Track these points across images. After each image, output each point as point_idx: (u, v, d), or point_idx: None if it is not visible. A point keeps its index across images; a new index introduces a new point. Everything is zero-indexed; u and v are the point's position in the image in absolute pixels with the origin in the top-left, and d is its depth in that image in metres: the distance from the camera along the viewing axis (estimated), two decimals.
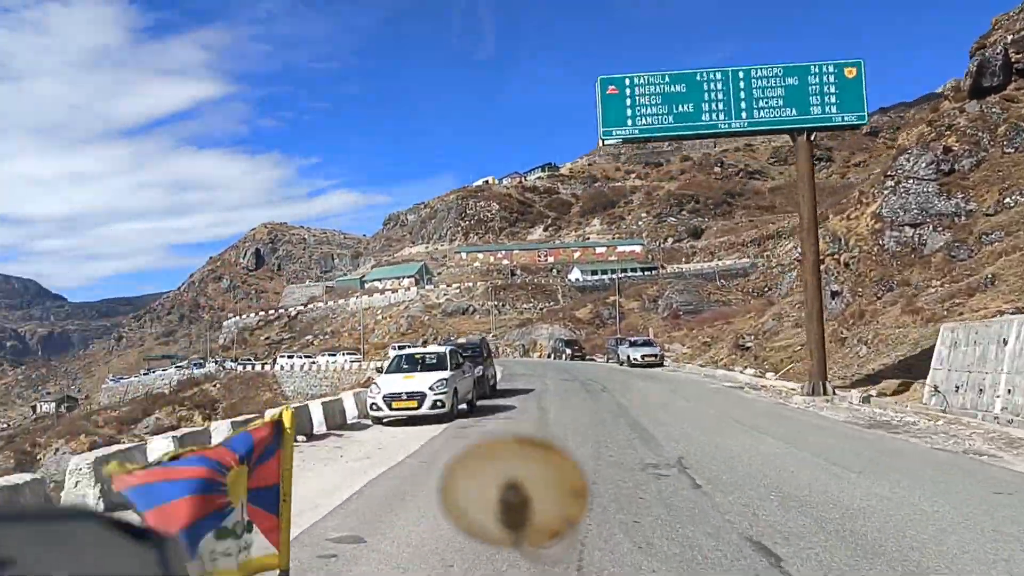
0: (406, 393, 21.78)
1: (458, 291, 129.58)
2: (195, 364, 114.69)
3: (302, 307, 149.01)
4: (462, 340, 54.18)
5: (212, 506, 3.17)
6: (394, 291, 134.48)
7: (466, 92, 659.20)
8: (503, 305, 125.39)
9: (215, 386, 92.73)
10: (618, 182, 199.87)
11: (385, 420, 21.79)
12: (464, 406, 24.25)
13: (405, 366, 25.20)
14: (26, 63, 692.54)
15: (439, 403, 21.83)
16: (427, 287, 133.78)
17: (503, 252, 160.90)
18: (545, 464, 1.50)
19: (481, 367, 29.45)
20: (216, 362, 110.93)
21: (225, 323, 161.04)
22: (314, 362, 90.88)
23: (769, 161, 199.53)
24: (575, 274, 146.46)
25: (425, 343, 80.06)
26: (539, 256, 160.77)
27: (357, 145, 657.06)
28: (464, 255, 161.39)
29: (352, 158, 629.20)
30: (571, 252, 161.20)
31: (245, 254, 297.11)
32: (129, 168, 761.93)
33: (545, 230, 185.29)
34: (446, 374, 22.95)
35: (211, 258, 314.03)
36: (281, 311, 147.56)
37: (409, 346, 65.98)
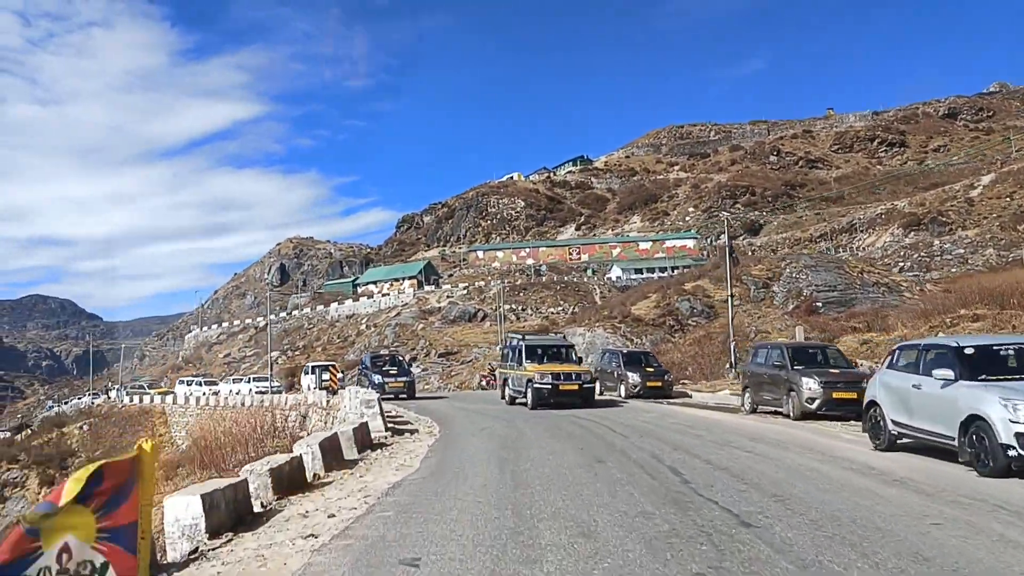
0: None
1: (465, 292, 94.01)
2: (94, 394, 79.91)
3: (272, 317, 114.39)
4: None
5: (16, 551, 2.87)
6: (384, 295, 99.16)
7: (497, 97, 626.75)
8: (523, 309, 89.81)
9: (83, 427, 57.78)
10: (660, 175, 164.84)
11: None
12: None
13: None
14: (69, 87, 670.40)
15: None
16: (429, 289, 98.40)
17: (527, 249, 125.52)
18: None
19: None
20: (101, 393, 76.63)
21: (187, 337, 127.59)
22: (215, 391, 55.58)
23: (832, 148, 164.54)
24: (615, 272, 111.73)
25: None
26: (571, 253, 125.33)
27: (392, 163, 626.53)
28: (480, 254, 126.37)
29: (387, 176, 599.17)
30: (609, 249, 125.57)
31: (270, 269, 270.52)
32: (168, 189, 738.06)
33: (577, 229, 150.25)
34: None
35: (235, 274, 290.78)
36: (248, 323, 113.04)
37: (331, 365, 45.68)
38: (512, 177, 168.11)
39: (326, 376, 63.61)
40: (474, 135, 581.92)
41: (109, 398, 69.85)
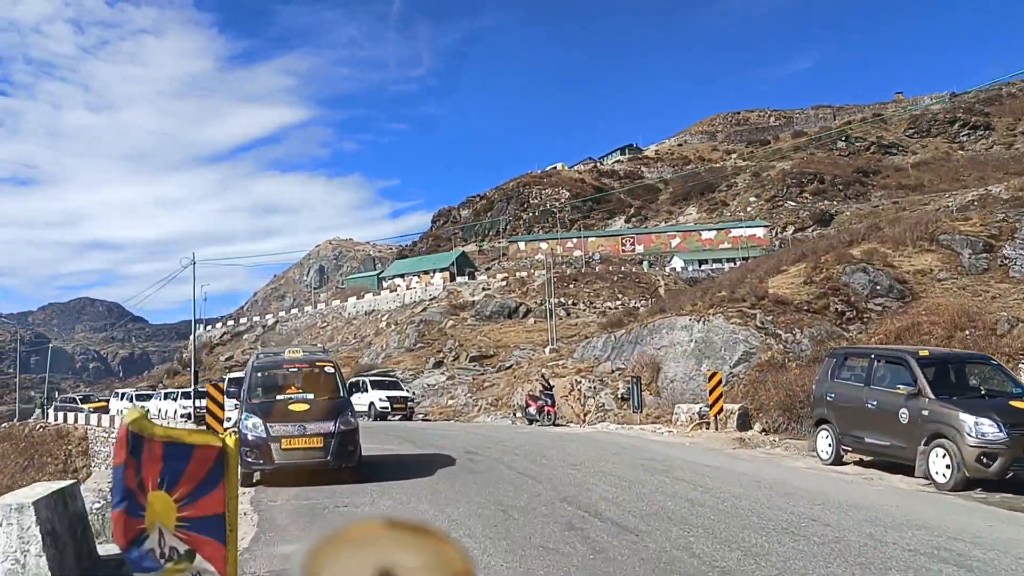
0: None
1: (504, 284, 76.06)
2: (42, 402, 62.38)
3: (283, 314, 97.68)
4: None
5: (133, 530, 2.83)
6: (410, 288, 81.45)
7: (541, 92, 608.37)
8: (574, 303, 71.80)
9: None
10: (716, 163, 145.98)
11: None
12: None
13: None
14: (121, 93, 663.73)
15: None
16: (462, 280, 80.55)
17: (575, 240, 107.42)
18: None
19: None
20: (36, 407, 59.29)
21: (190, 337, 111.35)
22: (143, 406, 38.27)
23: (907, 133, 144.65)
24: (676, 263, 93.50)
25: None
26: (624, 244, 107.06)
27: (435, 165, 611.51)
28: (522, 245, 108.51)
29: (430, 179, 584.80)
30: (667, 239, 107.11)
31: (308, 271, 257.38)
32: (215, 193, 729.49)
33: (627, 221, 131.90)
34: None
35: (275, 276, 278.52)
36: (256, 321, 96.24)
37: None
38: (556, 167, 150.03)
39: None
40: (517, 130, 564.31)
41: (43, 415, 53.03)
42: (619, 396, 29.59)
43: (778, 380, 22.64)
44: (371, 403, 35.08)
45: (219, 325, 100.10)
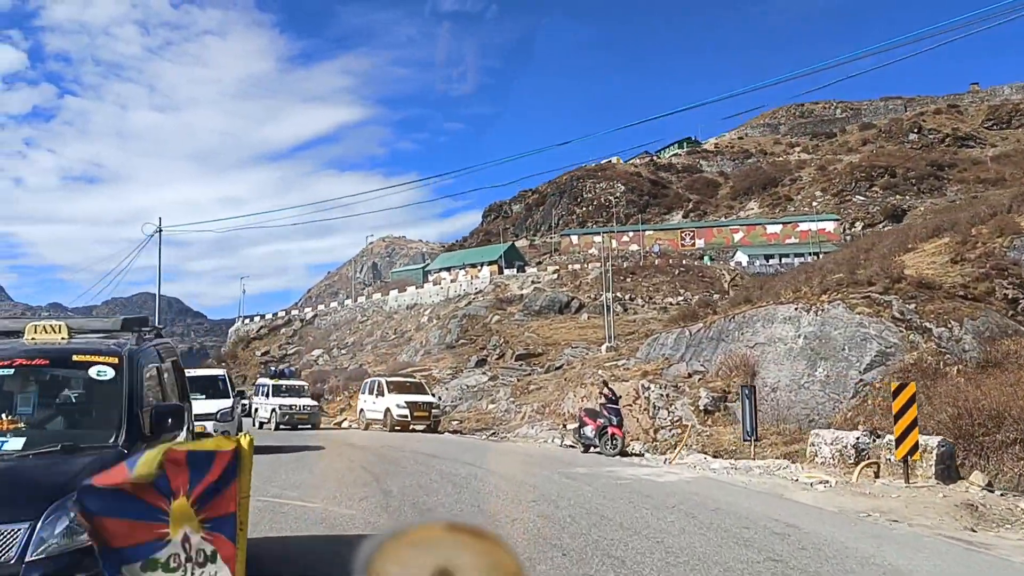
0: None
1: (555, 277, 69.06)
2: None
3: (322, 308, 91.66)
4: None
5: (150, 535, 2.99)
6: (454, 281, 74.73)
7: (597, 86, 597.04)
8: (631, 298, 64.54)
9: None
10: (779, 156, 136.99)
11: None
12: None
13: None
14: (185, 94, 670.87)
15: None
16: (510, 273, 73.67)
17: (631, 234, 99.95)
18: None
19: None
20: None
21: (229, 331, 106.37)
22: None
23: (985, 124, 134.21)
24: (740, 258, 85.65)
25: None
26: (683, 238, 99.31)
27: (489, 164, 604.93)
28: (575, 239, 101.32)
29: (484, 178, 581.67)
30: (729, 233, 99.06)
31: (362, 268, 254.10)
32: (275, 192, 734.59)
33: (686, 216, 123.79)
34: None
35: (328, 273, 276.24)
36: (294, 315, 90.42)
37: None
38: (611, 161, 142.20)
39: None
40: (571, 124, 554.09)
41: None
42: (701, 408, 22.38)
43: (937, 390, 15.38)
44: (387, 409, 28.42)
45: (256, 319, 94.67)
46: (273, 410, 30.84)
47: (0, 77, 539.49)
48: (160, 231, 28.18)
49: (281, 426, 30.20)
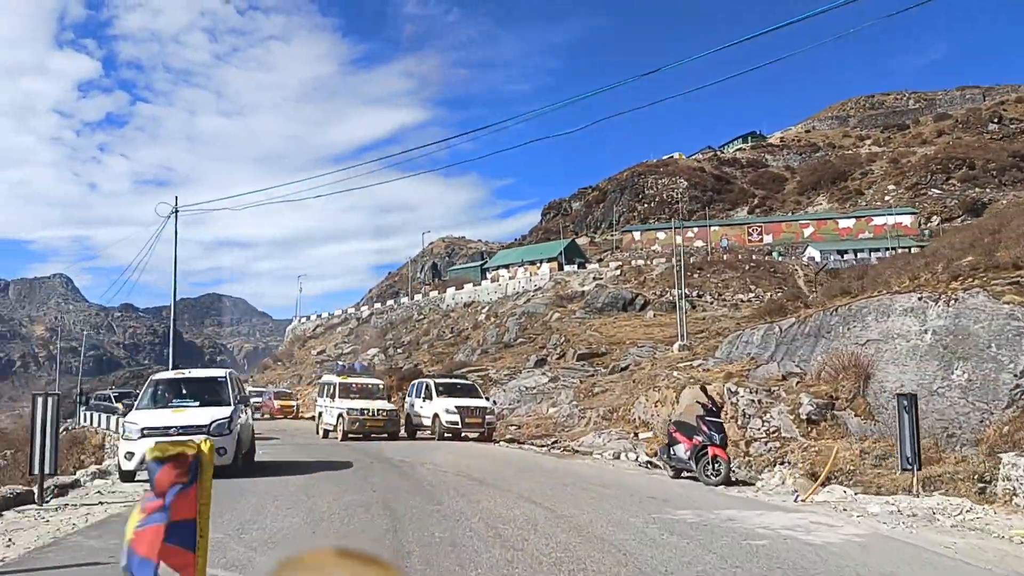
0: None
1: (618, 273, 65.30)
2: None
3: (379, 306, 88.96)
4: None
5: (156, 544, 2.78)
6: (512, 278, 71.34)
7: (662, 87, 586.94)
8: (699, 295, 60.55)
9: None
10: (848, 150, 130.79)
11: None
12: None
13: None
14: (251, 99, 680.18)
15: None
16: (571, 269, 70.05)
17: (695, 230, 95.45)
18: None
19: None
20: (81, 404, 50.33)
21: (287, 329, 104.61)
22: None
23: None
24: (811, 253, 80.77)
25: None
26: (749, 233, 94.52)
27: (549, 164, 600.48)
28: (637, 235, 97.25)
29: (544, 178, 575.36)
30: (799, 228, 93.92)
31: (422, 268, 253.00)
32: (338, 193, 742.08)
33: (751, 212, 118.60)
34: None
35: (389, 273, 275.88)
36: (350, 313, 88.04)
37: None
38: (673, 156, 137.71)
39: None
40: (632, 120, 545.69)
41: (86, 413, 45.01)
42: (803, 417, 18.58)
43: None
44: (435, 415, 25.11)
45: (313, 318, 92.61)
46: (340, 415, 25.72)
47: (76, 86, 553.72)
48: (176, 212, 25.45)
49: (351, 436, 25.25)
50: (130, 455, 13.05)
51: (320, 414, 29.10)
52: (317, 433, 28.58)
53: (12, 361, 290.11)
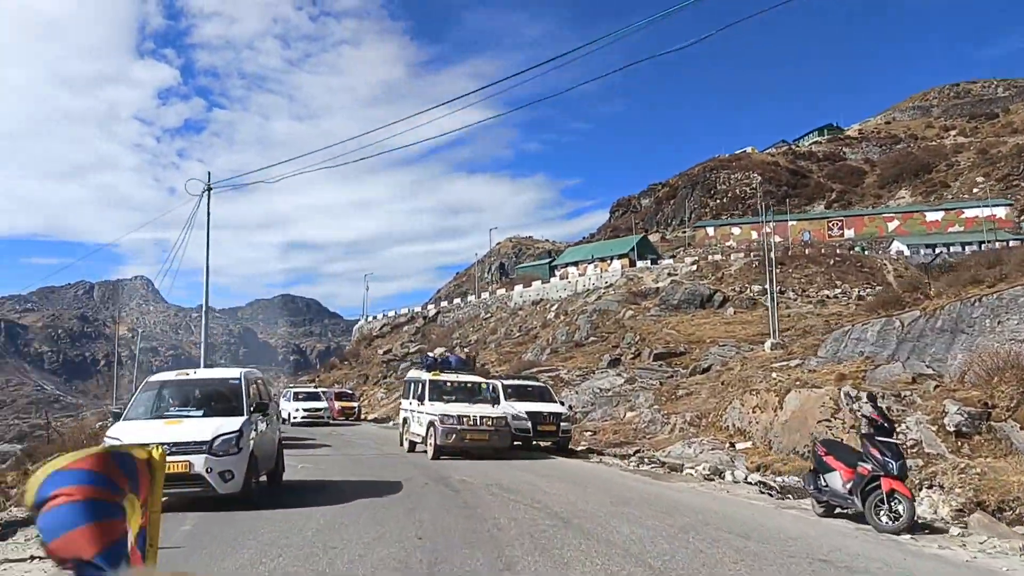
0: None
1: (695, 269, 61.56)
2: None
3: (445, 304, 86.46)
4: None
5: (117, 531, 2.33)
6: (582, 275, 68.12)
7: (727, 77, 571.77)
8: (782, 291, 56.40)
9: None
10: (932, 141, 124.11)
11: None
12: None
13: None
14: (322, 103, 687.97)
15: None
16: (643, 265, 66.52)
17: (772, 225, 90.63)
18: None
19: None
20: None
21: (354, 329, 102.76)
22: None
23: None
24: (897, 247, 75.73)
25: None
26: (830, 228, 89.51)
27: (616, 164, 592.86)
28: (711, 230, 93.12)
29: (611, 178, 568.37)
30: (883, 222, 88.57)
31: (489, 268, 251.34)
32: (406, 195, 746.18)
33: (828, 206, 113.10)
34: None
35: (456, 274, 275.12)
36: (416, 312, 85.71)
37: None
38: (746, 151, 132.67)
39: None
40: (702, 116, 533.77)
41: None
42: (950, 428, 15.05)
43: None
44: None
45: (380, 317, 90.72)
46: (431, 424, 19.52)
47: (156, 93, 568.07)
48: (209, 190, 22.96)
49: (444, 453, 19.18)
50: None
51: (405, 421, 23.04)
52: (401, 445, 22.98)
53: (96, 360, 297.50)
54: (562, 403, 26.56)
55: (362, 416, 45.35)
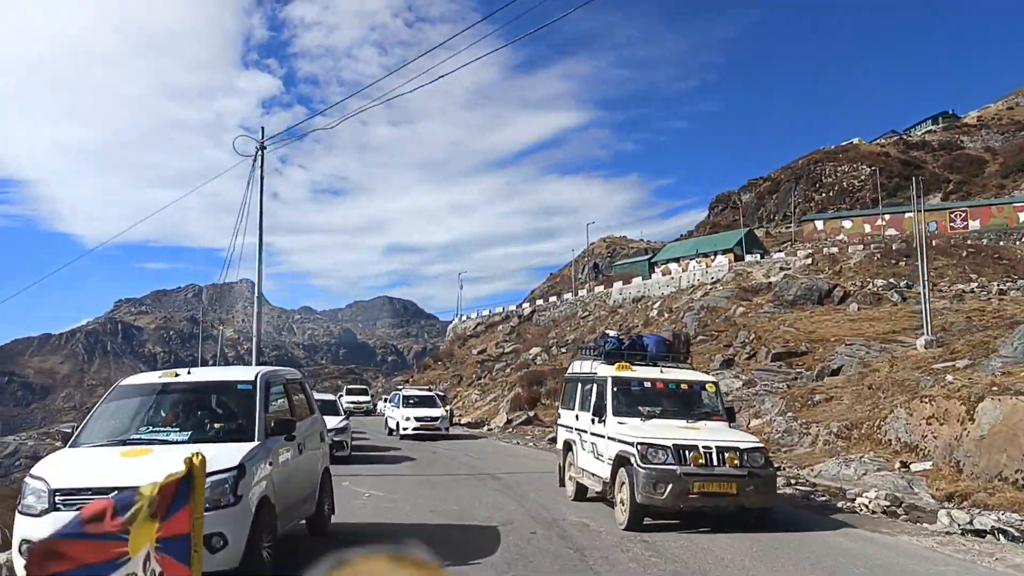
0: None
1: (809, 263, 56.48)
2: None
3: (541, 303, 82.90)
4: None
5: (105, 554, 2.65)
6: (684, 270, 63.69)
7: (836, 74, 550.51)
8: (908, 285, 51.26)
9: None
10: None
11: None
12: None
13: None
14: (418, 107, 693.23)
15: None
16: (752, 260, 61.68)
17: (886, 217, 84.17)
18: None
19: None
20: None
21: (448, 328, 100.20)
22: None
23: None
24: None
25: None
26: (952, 218, 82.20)
27: (714, 161, 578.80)
28: (819, 224, 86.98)
29: (707, 175, 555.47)
30: (1013, 212, 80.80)
31: (583, 268, 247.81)
32: (501, 197, 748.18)
33: (945, 198, 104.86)
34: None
35: (550, 275, 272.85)
36: (511, 311, 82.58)
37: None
38: (853, 142, 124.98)
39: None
40: (803, 109, 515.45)
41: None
42: None
43: None
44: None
45: (473, 316, 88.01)
46: (621, 460, 11.55)
47: (260, 102, 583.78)
48: (263, 148, 19.95)
49: (651, 515, 11.31)
50: (25, 545, 6.19)
51: (568, 448, 14.68)
52: (562, 485, 14.99)
53: (205, 361, 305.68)
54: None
55: (455, 420, 42.09)
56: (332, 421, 17.96)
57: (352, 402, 50.93)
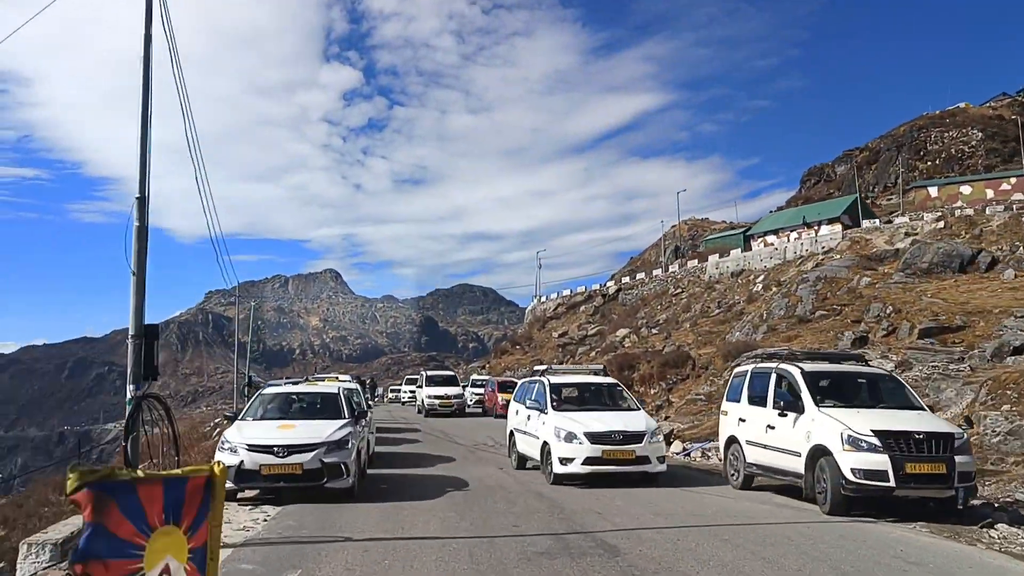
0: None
1: (941, 227, 47.99)
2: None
3: (627, 280, 75.50)
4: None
5: (121, 571, 2.66)
6: (787, 241, 55.68)
7: (935, 38, 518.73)
8: None
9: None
10: None
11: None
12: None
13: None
14: (497, 95, 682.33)
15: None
16: (869, 225, 53.29)
17: (1013, 180, 74.10)
18: None
19: None
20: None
21: (526, 310, 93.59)
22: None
23: None
24: None
25: None
26: None
27: (798, 140, 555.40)
28: (933, 190, 77.36)
29: (791, 155, 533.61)
30: None
31: (664, 251, 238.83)
32: (580, 183, 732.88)
33: None
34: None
35: (631, 259, 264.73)
36: (594, 290, 75.50)
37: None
38: (960, 106, 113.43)
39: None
40: (901, 75, 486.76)
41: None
42: None
43: None
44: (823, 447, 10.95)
45: (553, 297, 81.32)
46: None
47: (341, 95, 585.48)
48: None
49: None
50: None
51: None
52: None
53: (292, 349, 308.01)
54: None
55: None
56: (319, 432, 12.25)
57: (432, 397, 34.41)
